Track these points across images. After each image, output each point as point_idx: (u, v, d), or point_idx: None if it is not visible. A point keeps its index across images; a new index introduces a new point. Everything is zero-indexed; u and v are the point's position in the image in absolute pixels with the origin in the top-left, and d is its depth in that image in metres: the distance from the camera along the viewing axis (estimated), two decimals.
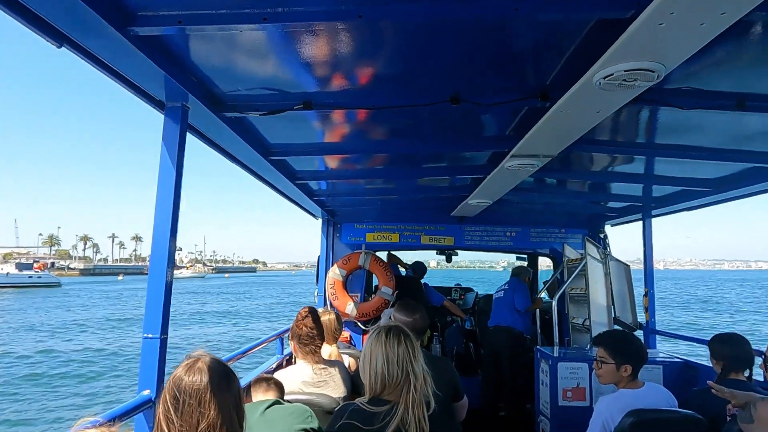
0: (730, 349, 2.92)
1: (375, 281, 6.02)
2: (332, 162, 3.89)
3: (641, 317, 4.90)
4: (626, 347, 2.84)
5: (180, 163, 2.20)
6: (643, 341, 4.78)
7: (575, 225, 5.82)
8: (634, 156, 3.55)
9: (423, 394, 1.90)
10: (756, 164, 3.26)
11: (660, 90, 2.26)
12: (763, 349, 2.94)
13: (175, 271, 2.34)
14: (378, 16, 1.74)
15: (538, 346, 4.52)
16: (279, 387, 2.41)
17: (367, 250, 5.74)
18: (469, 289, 7.26)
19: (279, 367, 3.67)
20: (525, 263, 6.59)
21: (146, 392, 2.06)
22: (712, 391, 2.40)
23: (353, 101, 2.53)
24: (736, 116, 2.50)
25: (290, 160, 3.63)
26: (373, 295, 5.78)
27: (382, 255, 6.05)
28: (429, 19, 1.78)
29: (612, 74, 1.80)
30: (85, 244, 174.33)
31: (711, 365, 3.04)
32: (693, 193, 4.15)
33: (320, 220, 5.90)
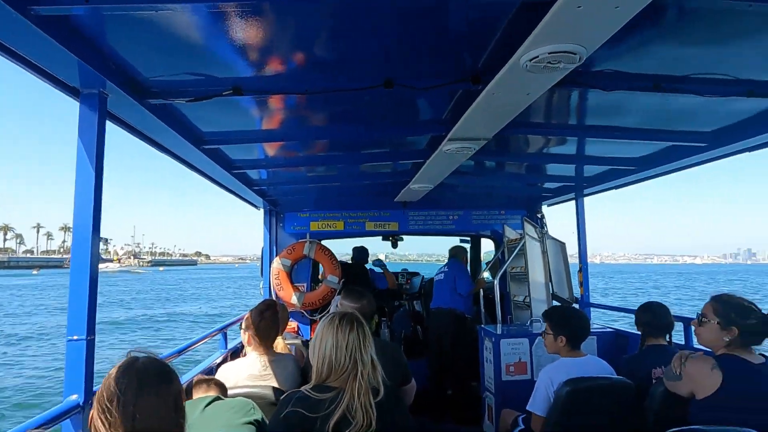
0: (651, 316, 3.17)
1: (321, 270, 5.98)
2: (271, 150, 3.80)
3: (577, 292, 5.16)
4: (560, 320, 3.08)
5: (100, 153, 2.07)
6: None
7: (514, 206, 6.01)
8: (566, 137, 3.69)
9: (370, 382, 1.91)
10: (675, 143, 3.47)
11: (584, 72, 2.34)
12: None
13: (100, 265, 2.23)
14: None
15: (481, 325, 4.65)
16: (220, 386, 2.36)
17: (311, 239, 5.69)
18: (416, 274, 7.37)
19: (224, 361, 3.59)
20: (467, 246, 6.75)
21: (73, 397, 1.96)
22: (672, 364, 2.54)
23: (286, 86, 2.47)
24: (655, 97, 2.64)
25: (225, 149, 3.51)
26: (320, 284, 5.75)
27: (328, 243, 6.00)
28: (359, 1, 1.76)
29: (537, 56, 1.85)
30: (5, 234, 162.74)
31: (637, 332, 3.28)
32: (620, 172, 4.38)
33: (262, 211, 5.78)
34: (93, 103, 2.10)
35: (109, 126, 2.34)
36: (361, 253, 6.30)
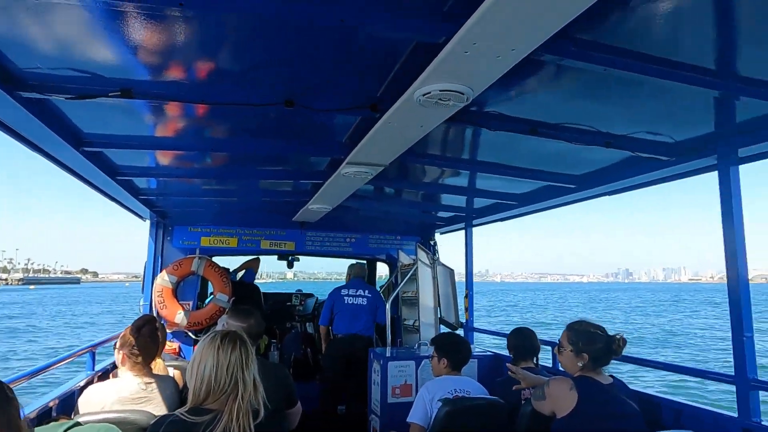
0: (519, 340, 3.48)
1: (210, 288, 5.70)
2: (164, 158, 3.61)
3: (463, 317, 5.43)
4: (445, 345, 3.34)
5: None
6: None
7: (409, 232, 6.22)
8: (459, 171, 3.94)
9: (251, 404, 1.85)
10: (550, 183, 3.86)
11: (473, 112, 2.55)
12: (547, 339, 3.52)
13: None
14: (199, 4, 1.67)
15: (371, 348, 4.72)
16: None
17: (201, 254, 5.42)
18: (310, 295, 7.29)
19: (89, 384, 3.26)
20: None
21: None
22: (509, 372, 2.84)
23: (182, 94, 2.38)
24: (534, 140, 2.93)
25: (110, 153, 3.27)
26: (208, 303, 5.47)
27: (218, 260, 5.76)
28: (257, 16, 1.77)
29: (430, 92, 1.98)
30: None
31: None
32: (505, 206, 4.75)
33: (148, 222, 5.41)
34: None
35: None
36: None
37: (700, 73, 2.10)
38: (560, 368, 2.90)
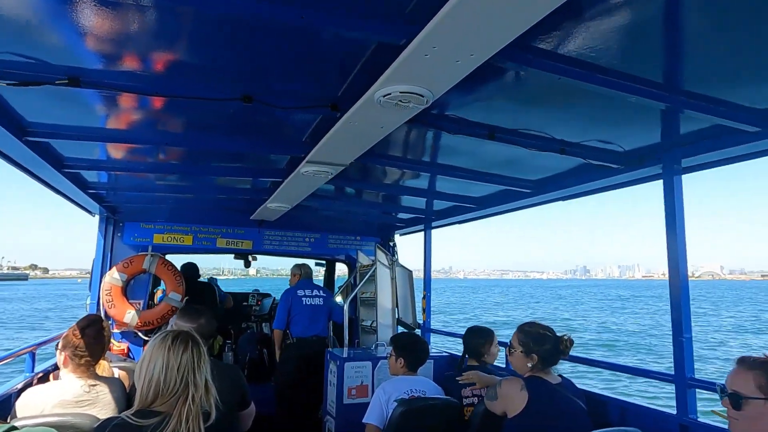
0: (470, 339, 3.56)
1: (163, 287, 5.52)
2: (116, 151, 3.47)
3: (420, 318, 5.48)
4: (404, 345, 3.37)
5: None
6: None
7: (369, 233, 6.22)
8: (420, 173, 3.97)
9: (202, 406, 1.81)
10: (508, 187, 3.94)
11: (433, 114, 2.58)
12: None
13: None
14: None
15: (329, 349, 4.68)
16: None
17: (154, 252, 5.24)
18: (267, 295, 7.17)
19: (27, 386, 3.09)
20: (323, 269, 6.80)
21: None
22: (458, 378, 2.92)
23: (135, 85, 2.29)
24: (492, 145, 2.99)
25: (56, 144, 3.12)
26: (159, 302, 5.30)
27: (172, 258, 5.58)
28: (224, 12, 1.73)
29: (390, 93, 1.99)
30: None
31: None
32: (463, 209, 4.83)
33: (97, 218, 5.19)
34: None
35: None
36: (190, 270, 5.87)
37: (649, 86, 2.20)
38: (511, 368, 2.98)
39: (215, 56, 2.13)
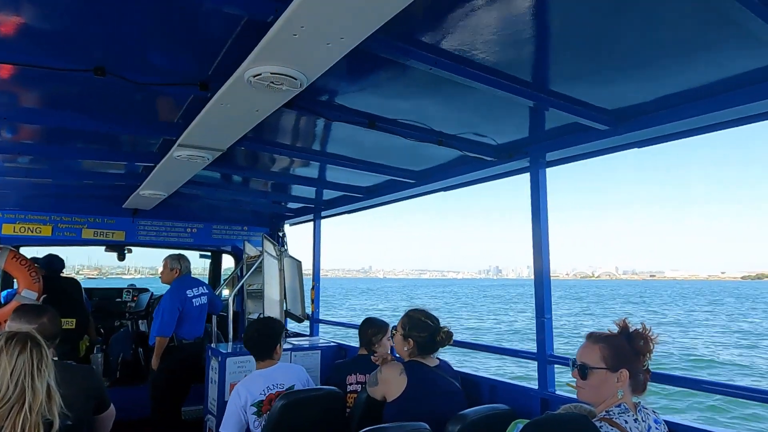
0: (364, 329, 3.58)
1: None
2: None
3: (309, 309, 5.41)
4: (248, 339, 3.17)
5: None
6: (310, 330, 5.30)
7: (258, 223, 6.01)
8: (309, 162, 3.87)
9: (43, 415, 1.62)
10: (393, 177, 4.00)
11: (312, 100, 2.52)
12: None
13: None
14: None
15: (210, 344, 4.45)
16: None
17: (4, 245, 4.59)
18: (144, 290, 6.65)
19: None
20: (208, 261, 6.46)
21: None
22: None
23: None
24: (376, 135, 2.99)
25: None
26: (11, 300, 4.66)
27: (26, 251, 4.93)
28: None
29: (260, 74, 1.89)
30: None
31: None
32: (352, 198, 4.83)
33: None
34: None
35: None
36: (52, 264, 5.09)
37: (518, 84, 2.32)
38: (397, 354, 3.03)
39: (67, 23, 1.88)
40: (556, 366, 2.91)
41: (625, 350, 1.96)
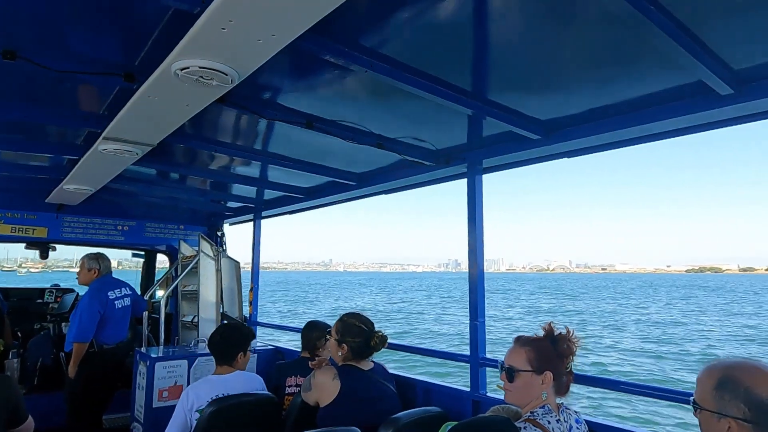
0: (306, 333, 3.55)
1: None
2: None
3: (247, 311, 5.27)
4: (210, 341, 3.12)
5: None
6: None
7: (196, 222, 5.81)
8: (250, 161, 3.77)
9: None
10: (334, 179, 3.97)
11: (247, 97, 2.44)
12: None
13: None
14: None
15: (138, 348, 4.24)
16: None
17: None
18: (69, 290, 6.25)
19: None
20: (141, 260, 6.16)
21: None
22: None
23: None
24: (316, 135, 2.95)
25: None
26: None
27: None
28: None
29: (189, 67, 1.81)
30: None
31: (297, 349, 3.60)
32: (293, 199, 4.75)
33: None
34: None
35: None
36: None
37: (457, 92, 2.35)
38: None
39: None
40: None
41: (550, 353, 2.02)
